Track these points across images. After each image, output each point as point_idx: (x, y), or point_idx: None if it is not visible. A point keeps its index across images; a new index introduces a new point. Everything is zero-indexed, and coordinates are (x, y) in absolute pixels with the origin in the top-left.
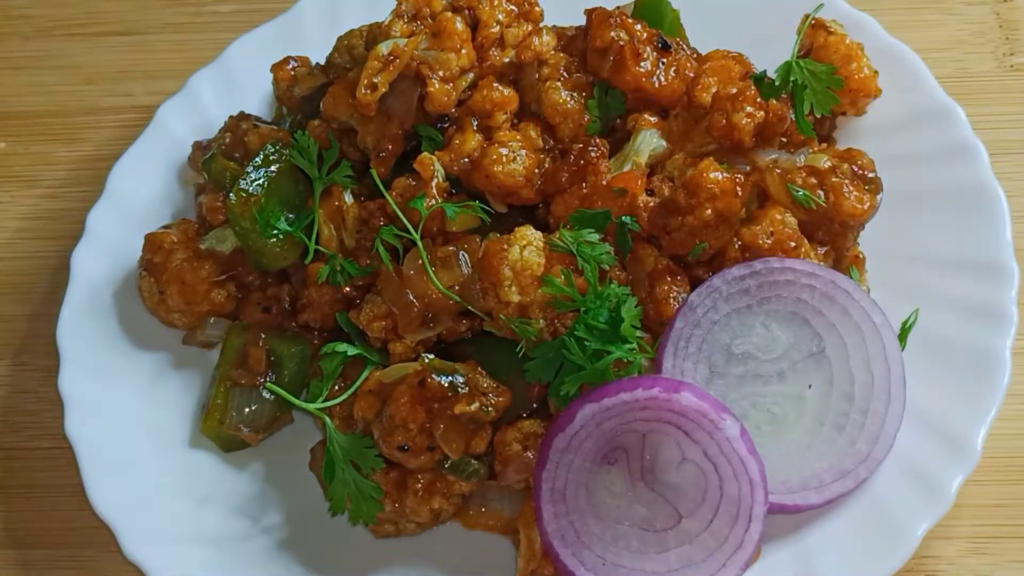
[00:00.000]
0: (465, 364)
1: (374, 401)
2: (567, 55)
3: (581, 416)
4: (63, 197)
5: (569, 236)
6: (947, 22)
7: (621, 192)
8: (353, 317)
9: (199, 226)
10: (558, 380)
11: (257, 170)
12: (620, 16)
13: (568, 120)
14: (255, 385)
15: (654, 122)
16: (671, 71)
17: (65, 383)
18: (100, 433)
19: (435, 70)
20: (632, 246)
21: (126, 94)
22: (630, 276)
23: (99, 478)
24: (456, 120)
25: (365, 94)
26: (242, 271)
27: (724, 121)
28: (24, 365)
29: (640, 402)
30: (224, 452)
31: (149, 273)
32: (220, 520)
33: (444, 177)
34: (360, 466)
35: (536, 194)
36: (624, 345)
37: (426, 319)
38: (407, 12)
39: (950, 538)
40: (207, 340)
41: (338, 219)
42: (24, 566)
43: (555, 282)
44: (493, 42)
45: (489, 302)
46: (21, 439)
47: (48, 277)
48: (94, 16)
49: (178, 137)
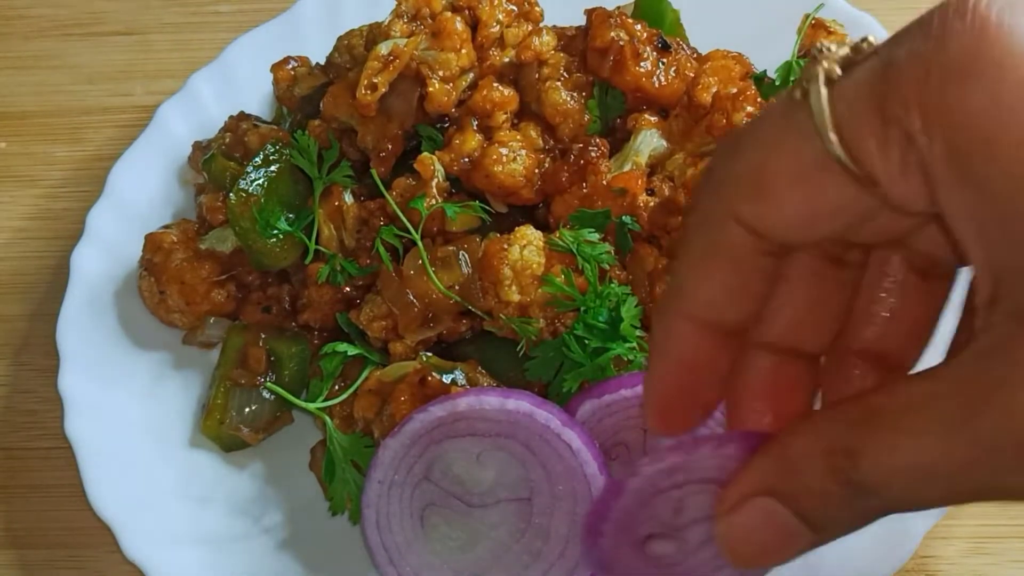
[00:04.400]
0: (465, 363)
1: (374, 400)
2: (567, 55)
3: (582, 413)
4: (63, 197)
5: (569, 236)
6: None
7: (621, 192)
8: (353, 317)
9: (199, 226)
10: (558, 379)
11: (257, 170)
12: (620, 16)
13: (568, 120)
14: (255, 385)
15: (654, 122)
16: (671, 71)
17: (65, 383)
18: (100, 433)
19: (435, 70)
20: (632, 246)
21: (126, 94)
22: (630, 276)
23: (99, 478)
24: (456, 120)
25: (365, 94)
26: (242, 271)
27: (724, 121)
28: (24, 365)
29: (641, 398)
30: (224, 452)
31: (149, 273)
32: (220, 520)
33: (444, 177)
34: (360, 466)
35: (536, 194)
36: (624, 344)
37: (426, 319)
38: (407, 12)
39: (950, 538)
40: (207, 340)
41: (338, 219)
42: (24, 566)
43: (555, 281)
44: (493, 42)
45: (489, 302)
46: (21, 439)
47: (48, 277)
48: (94, 16)
49: (178, 137)
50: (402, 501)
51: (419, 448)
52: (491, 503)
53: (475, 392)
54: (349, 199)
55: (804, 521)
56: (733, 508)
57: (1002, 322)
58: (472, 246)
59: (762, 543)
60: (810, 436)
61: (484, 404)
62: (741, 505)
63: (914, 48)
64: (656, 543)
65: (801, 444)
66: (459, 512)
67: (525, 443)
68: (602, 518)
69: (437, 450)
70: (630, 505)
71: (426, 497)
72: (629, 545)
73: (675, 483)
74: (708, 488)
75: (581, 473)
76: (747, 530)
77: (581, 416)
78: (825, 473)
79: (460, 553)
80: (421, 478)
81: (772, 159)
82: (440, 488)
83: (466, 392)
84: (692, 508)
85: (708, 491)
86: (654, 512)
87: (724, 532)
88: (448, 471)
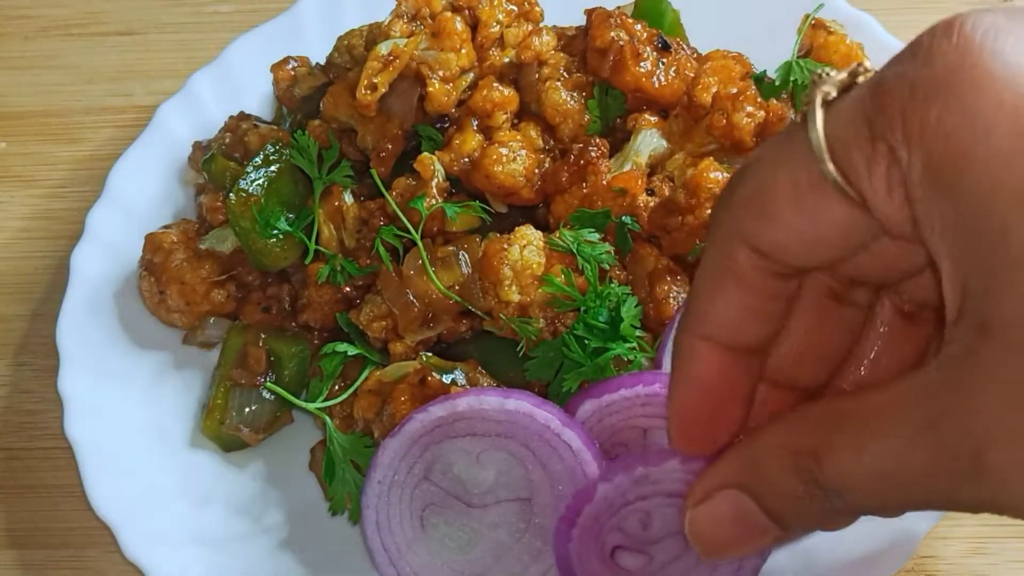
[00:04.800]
0: (465, 363)
1: (374, 400)
2: (567, 55)
3: (582, 413)
4: (63, 197)
5: (569, 236)
6: None
7: (621, 192)
8: (353, 317)
9: (199, 226)
10: (558, 379)
11: (257, 170)
12: (620, 16)
13: (568, 120)
14: (255, 385)
15: (654, 122)
16: (671, 71)
17: (65, 383)
18: (100, 433)
19: (435, 70)
20: (632, 246)
21: (126, 94)
22: (630, 276)
23: (99, 478)
24: (456, 120)
25: (365, 94)
26: (242, 271)
27: (724, 121)
28: (24, 365)
29: (641, 398)
30: (224, 452)
31: (149, 273)
32: (220, 520)
33: (444, 177)
34: (360, 466)
35: (536, 194)
36: (624, 344)
37: (426, 319)
38: (407, 12)
39: (950, 538)
40: (207, 340)
41: (338, 219)
42: (24, 566)
43: (555, 281)
44: (493, 42)
45: (489, 302)
46: (21, 439)
47: (48, 277)
48: (94, 16)
49: (178, 137)
50: (402, 501)
51: (419, 448)
52: (491, 503)
53: (475, 392)
54: (349, 199)
55: (770, 517)
56: (702, 499)
57: (966, 335)
58: (472, 246)
59: (729, 535)
60: (778, 435)
61: (484, 404)
62: (710, 497)
63: (903, 68)
64: (624, 555)
65: (769, 442)
66: (459, 512)
67: (525, 443)
68: (572, 523)
69: (437, 450)
70: (599, 511)
71: (426, 497)
72: (597, 556)
73: (642, 494)
74: (675, 503)
75: (581, 473)
76: (715, 522)
77: (581, 416)
78: (791, 472)
79: (460, 553)
80: (421, 478)
81: (773, 181)
82: (440, 488)
83: (466, 392)
84: (659, 522)
85: (675, 505)
86: (622, 523)
87: (692, 523)
88: (448, 471)
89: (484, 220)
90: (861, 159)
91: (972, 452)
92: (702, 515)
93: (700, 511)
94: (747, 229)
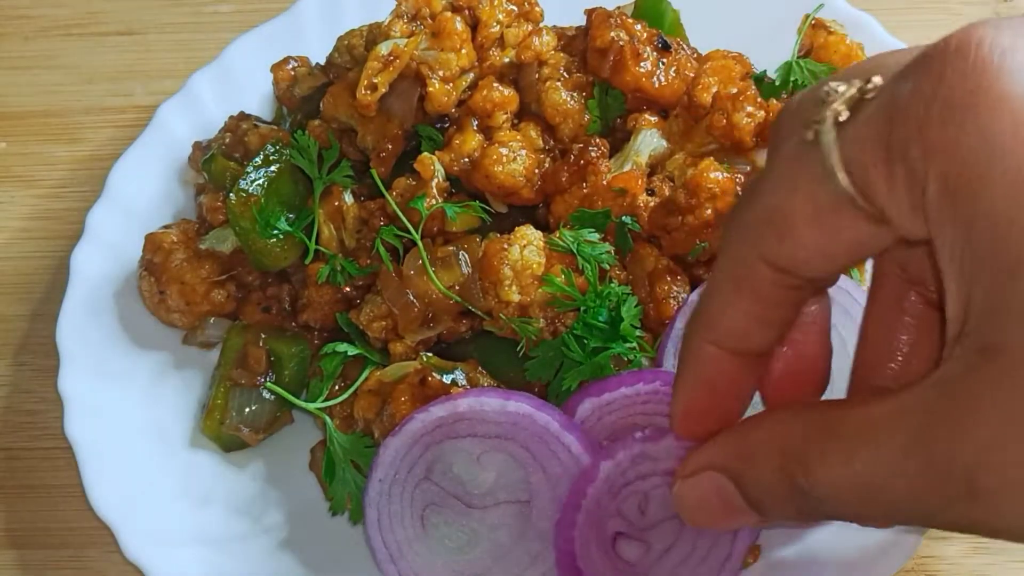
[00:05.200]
0: (465, 363)
1: (374, 400)
2: (567, 55)
3: (581, 411)
4: (63, 197)
5: (569, 236)
6: (947, 22)
7: (621, 192)
8: (353, 317)
9: (199, 226)
10: (558, 378)
11: (257, 170)
12: (620, 16)
13: (568, 120)
14: (255, 385)
15: (654, 122)
16: (671, 71)
17: (65, 383)
18: (100, 433)
19: (435, 70)
20: (632, 246)
21: (126, 94)
22: (630, 276)
23: (99, 478)
24: (456, 120)
25: (365, 94)
26: (242, 271)
27: (725, 121)
28: (24, 365)
29: (641, 396)
30: (224, 452)
31: (149, 273)
32: (220, 520)
33: (444, 177)
34: (360, 466)
35: (536, 194)
36: (624, 343)
37: (426, 319)
38: (407, 12)
39: (950, 538)
40: (207, 340)
41: (338, 219)
42: (24, 566)
43: (555, 281)
44: (493, 42)
45: (489, 302)
46: (21, 439)
47: (48, 277)
48: (94, 16)
49: (178, 137)
50: (403, 500)
51: (420, 448)
52: (491, 504)
53: (476, 393)
54: (349, 199)
55: (749, 504)
56: (689, 475)
57: (967, 355)
58: (472, 246)
59: (710, 511)
60: (770, 431)
61: (484, 405)
62: (697, 474)
63: (917, 86)
64: (623, 544)
65: (761, 436)
66: (459, 512)
67: (525, 445)
68: (576, 508)
69: (438, 450)
70: (601, 493)
71: (427, 497)
72: (597, 544)
73: (640, 472)
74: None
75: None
76: (699, 498)
77: (581, 414)
78: (776, 471)
79: (460, 554)
80: (422, 478)
81: (790, 202)
82: (441, 488)
83: (466, 393)
84: (656, 505)
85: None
86: (622, 506)
87: (679, 494)
88: (449, 471)
89: (484, 220)
90: (880, 179)
91: (966, 473)
92: (688, 489)
93: (687, 485)
94: (767, 248)
